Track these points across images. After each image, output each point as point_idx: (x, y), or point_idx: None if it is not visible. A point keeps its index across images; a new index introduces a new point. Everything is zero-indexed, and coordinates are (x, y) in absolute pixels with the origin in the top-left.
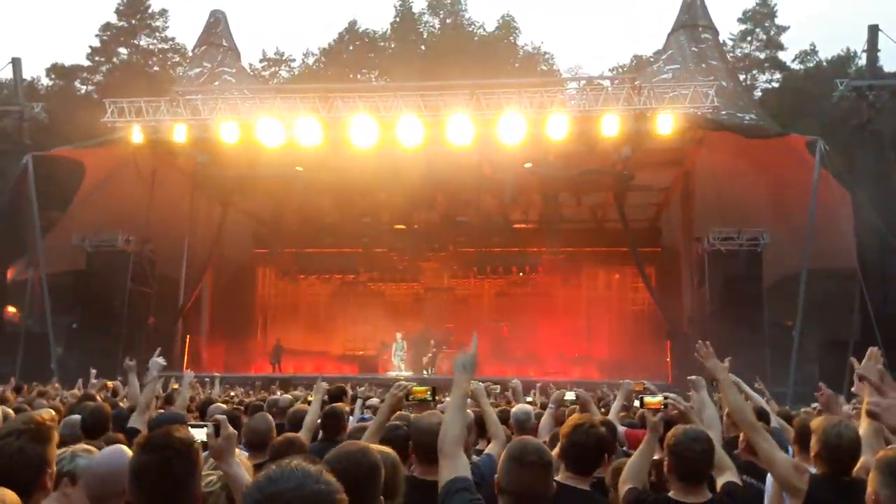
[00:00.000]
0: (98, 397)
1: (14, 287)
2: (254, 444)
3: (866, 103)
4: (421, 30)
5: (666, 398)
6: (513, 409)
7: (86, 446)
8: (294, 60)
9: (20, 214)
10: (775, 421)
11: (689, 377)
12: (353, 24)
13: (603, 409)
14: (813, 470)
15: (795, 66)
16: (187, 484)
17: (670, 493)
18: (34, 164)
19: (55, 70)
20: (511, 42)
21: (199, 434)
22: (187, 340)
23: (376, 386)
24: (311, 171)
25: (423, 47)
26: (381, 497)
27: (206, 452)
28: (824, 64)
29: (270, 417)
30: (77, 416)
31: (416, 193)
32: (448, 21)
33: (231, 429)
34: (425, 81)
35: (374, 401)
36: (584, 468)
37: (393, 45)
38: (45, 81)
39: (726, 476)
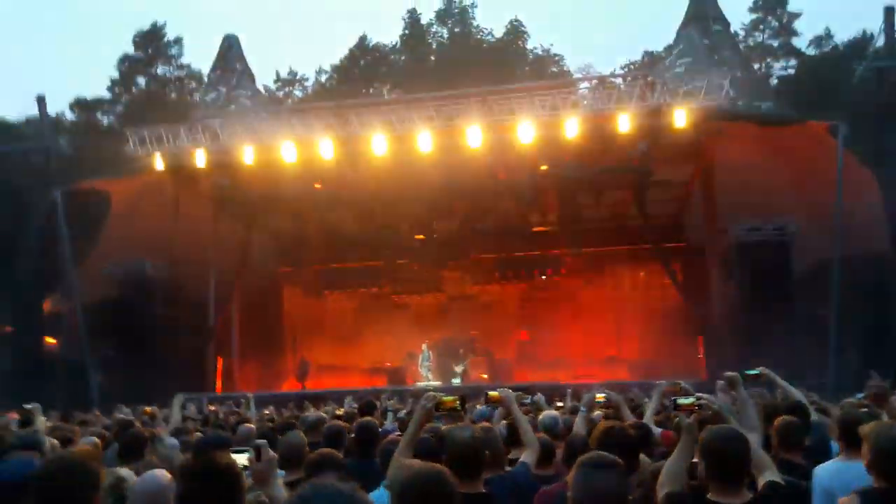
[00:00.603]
0: (137, 423)
1: (51, 319)
2: (290, 461)
3: (887, 84)
4: (430, 40)
5: (699, 398)
6: (540, 417)
7: (116, 471)
8: (307, 79)
9: (52, 247)
10: (815, 415)
11: (725, 374)
12: (363, 39)
13: (636, 414)
14: (860, 462)
15: (811, 51)
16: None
17: (709, 495)
18: (63, 198)
19: (78, 104)
20: (520, 46)
21: (241, 459)
22: (219, 361)
23: (409, 396)
24: (330, 187)
25: (433, 58)
26: None
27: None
28: (840, 48)
29: (303, 434)
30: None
31: (434, 203)
32: (457, 30)
33: (272, 453)
34: (437, 91)
35: (405, 413)
36: None
37: (403, 58)
38: (70, 116)
39: (767, 475)
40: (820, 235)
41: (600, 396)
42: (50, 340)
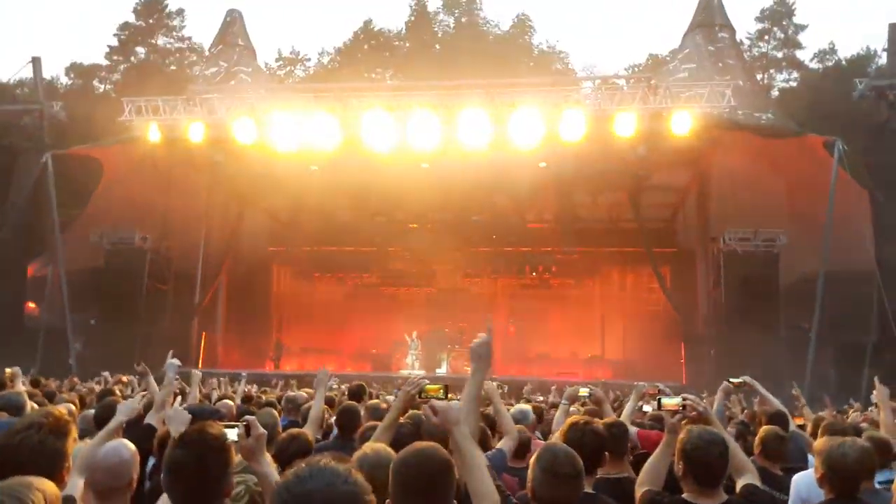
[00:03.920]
0: (117, 392)
1: (34, 283)
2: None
3: (886, 103)
4: (436, 29)
5: (684, 399)
6: (511, 410)
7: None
8: (309, 60)
9: (40, 212)
10: (793, 425)
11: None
12: (368, 23)
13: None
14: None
15: (814, 65)
16: (220, 478)
17: (684, 495)
18: (53, 163)
19: (74, 69)
20: (526, 41)
21: (231, 434)
22: (203, 337)
23: (389, 384)
24: (327, 170)
25: (437, 46)
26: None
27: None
28: (843, 63)
29: (276, 413)
30: (91, 412)
31: (429, 193)
32: (463, 20)
33: (261, 429)
34: (440, 80)
35: (391, 398)
36: (590, 468)
37: (408, 45)
38: (65, 80)
39: (746, 478)
40: (809, 249)
41: (583, 392)
42: (31, 305)
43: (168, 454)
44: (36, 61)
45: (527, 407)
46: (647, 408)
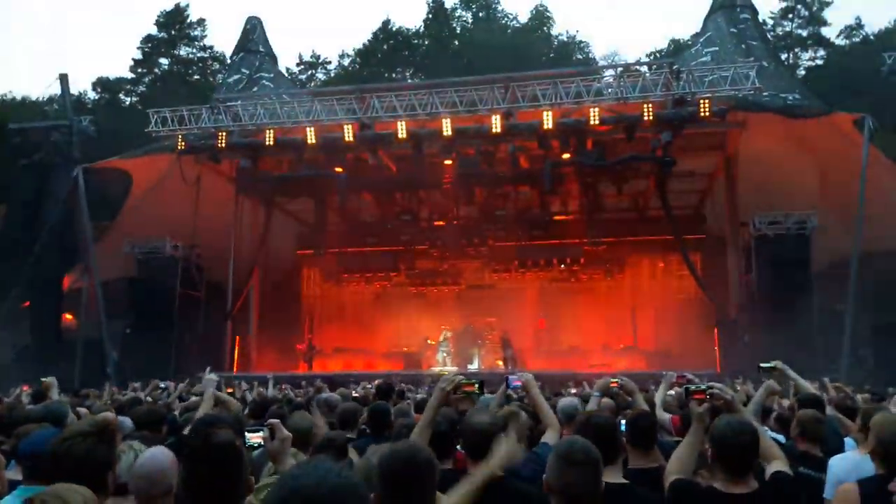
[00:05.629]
0: (150, 398)
1: (70, 295)
2: (297, 443)
3: None
4: (454, 25)
5: (710, 388)
6: (560, 403)
7: (130, 442)
8: (330, 62)
9: (73, 225)
10: (830, 410)
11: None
12: (386, 23)
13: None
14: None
15: (840, 41)
16: (232, 482)
17: (715, 484)
18: (84, 176)
19: (101, 83)
20: (545, 32)
21: (256, 437)
22: (237, 342)
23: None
24: (351, 172)
25: (456, 42)
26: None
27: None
28: (871, 38)
29: (309, 416)
30: (125, 419)
31: (453, 189)
32: (481, 15)
33: (286, 431)
34: (460, 77)
35: (420, 396)
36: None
37: (427, 42)
38: (92, 95)
39: (775, 465)
40: (841, 230)
41: (615, 382)
42: (68, 317)
43: (181, 467)
44: (63, 78)
45: (576, 400)
46: (672, 393)
